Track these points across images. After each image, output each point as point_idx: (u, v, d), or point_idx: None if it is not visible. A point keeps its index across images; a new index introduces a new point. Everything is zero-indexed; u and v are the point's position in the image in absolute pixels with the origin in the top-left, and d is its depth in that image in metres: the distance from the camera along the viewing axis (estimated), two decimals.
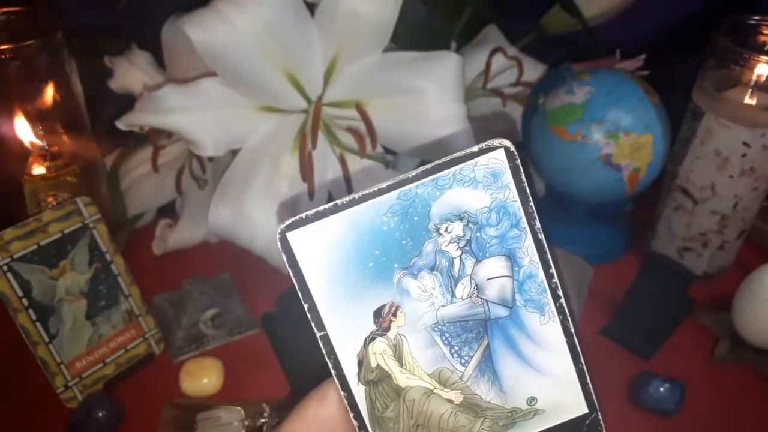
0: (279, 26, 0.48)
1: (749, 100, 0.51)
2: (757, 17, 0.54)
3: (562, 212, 0.60)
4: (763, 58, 0.50)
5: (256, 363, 0.52)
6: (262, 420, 0.46)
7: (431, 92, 0.50)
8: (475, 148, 0.23)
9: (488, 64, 0.60)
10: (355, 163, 0.54)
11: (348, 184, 0.54)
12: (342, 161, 0.53)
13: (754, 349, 0.51)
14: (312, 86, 0.53)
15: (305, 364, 0.49)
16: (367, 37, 0.50)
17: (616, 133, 0.52)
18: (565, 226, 0.59)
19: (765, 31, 0.54)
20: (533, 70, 0.64)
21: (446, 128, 0.51)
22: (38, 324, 0.46)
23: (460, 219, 0.23)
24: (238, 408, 0.46)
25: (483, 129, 0.64)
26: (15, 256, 0.45)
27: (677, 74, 0.60)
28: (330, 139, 0.54)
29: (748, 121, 0.51)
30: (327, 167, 0.55)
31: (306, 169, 0.51)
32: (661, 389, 0.46)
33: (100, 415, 0.45)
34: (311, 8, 0.50)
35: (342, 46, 0.51)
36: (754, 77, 0.51)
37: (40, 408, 0.48)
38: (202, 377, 0.49)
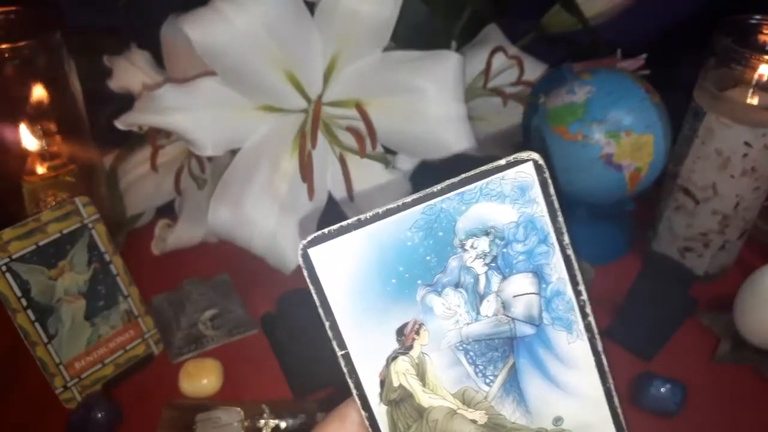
0: (278, 25, 0.48)
1: (750, 99, 0.51)
2: (757, 17, 0.54)
3: (562, 212, 0.60)
4: (765, 57, 0.50)
5: (256, 364, 0.52)
6: (262, 421, 0.45)
7: (431, 92, 0.50)
8: (503, 161, 0.22)
9: (489, 64, 0.59)
10: (355, 163, 0.54)
11: (348, 184, 0.53)
12: (342, 161, 0.53)
13: (756, 349, 0.50)
14: (312, 86, 0.53)
15: (305, 365, 0.49)
16: (367, 36, 0.50)
17: (617, 132, 0.52)
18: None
19: (766, 31, 0.54)
20: (534, 70, 0.64)
21: (446, 127, 0.51)
22: (37, 324, 0.46)
23: (487, 234, 0.23)
24: (238, 409, 0.46)
25: (484, 129, 0.64)
26: (14, 256, 0.44)
27: (678, 74, 0.59)
28: (330, 139, 0.54)
29: (749, 121, 0.51)
30: (327, 167, 0.55)
31: (306, 169, 0.51)
32: (663, 390, 0.46)
33: (99, 415, 0.45)
34: (311, 7, 0.50)
35: (342, 46, 0.51)
36: (756, 77, 0.51)
37: (38, 408, 0.48)
38: (201, 378, 0.49)
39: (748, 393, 0.50)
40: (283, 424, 0.45)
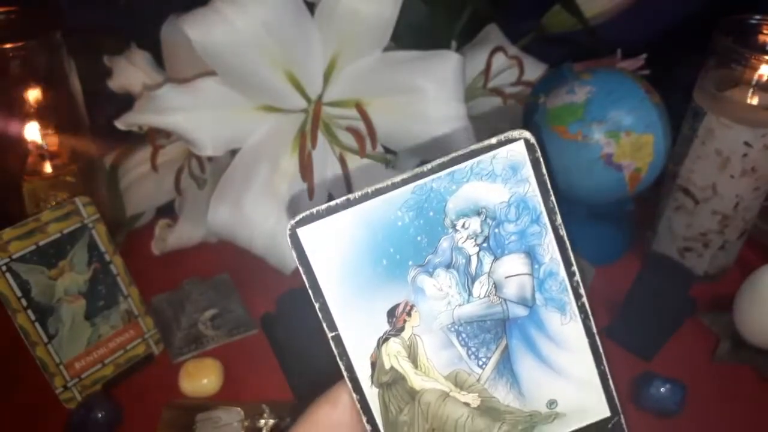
0: (278, 25, 0.48)
1: (750, 99, 0.51)
2: (757, 17, 0.54)
3: (562, 212, 0.60)
4: (765, 57, 0.50)
5: (256, 363, 0.52)
6: (262, 421, 0.45)
7: (431, 92, 0.50)
8: (494, 140, 0.22)
9: (489, 64, 0.59)
10: (355, 163, 0.54)
11: (348, 183, 0.53)
12: (342, 161, 0.53)
13: (755, 349, 0.51)
14: (312, 85, 0.52)
15: (305, 365, 0.49)
16: (367, 36, 0.50)
17: (617, 132, 0.52)
18: (566, 225, 0.59)
19: (766, 31, 0.54)
20: (534, 70, 0.64)
21: (446, 127, 0.51)
22: (37, 324, 0.46)
23: (478, 214, 0.22)
24: (238, 408, 0.46)
25: (485, 128, 0.64)
26: (14, 256, 0.44)
27: (678, 74, 0.59)
28: (330, 139, 0.54)
29: (749, 121, 0.51)
30: (327, 167, 0.55)
31: (306, 169, 0.51)
32: (662, 390, 0.46)
33: (99, 415, 0.45)
34: (311, 7, 0.50)
35: (342, 46, 0.51)
36: (756, 77, 0.51)
37: (39, 408, 0.48)
38: (201, 378, 0.49)
39: (748, 393, 0.50)
40: (283, 424, 0.45)
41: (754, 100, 0.51)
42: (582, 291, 0.23)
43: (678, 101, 0.55)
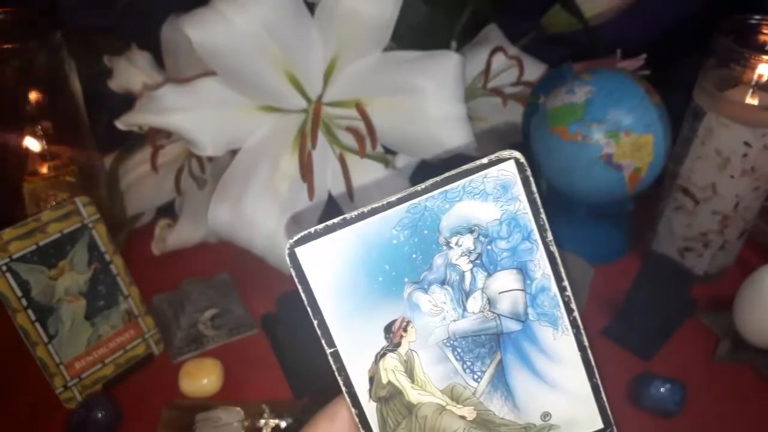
0: (279, 26, 0.48)
1: (750, 99, 0.51)
2: (757, 17, 0.54)
3: (562, 212, 0.60)
4: (764, 57, 0.50)
5: (256, 363, 0.52)
6: (262, 421, 0.45)
7: (431, 91, 0.50)
8: (485, 160, 0.23)
9: (489, 64, 0.59)
10: (355, 163, 0.54)
11: (348, 183, 0.53)
12: (342, 161, 0.53)
13: (755, 349, 0.51)
14: (312, 86, 0.53)
15: (305, 365, 0.49)
16: (367, 36, 0.50)
17: (616, 132, 0.52)
18: (566, 226, 0.59)
19: (765, 31, 0.54)
20: (534, 70, 0.64)
21: (446, 127, 0.51)
22: (37, 324, 0.46)
23: (471, 232, 0.23)
24: (238, 408, 0.46)
25: (484, 129, 0.64)
26: (14, 256, 0.44)
27: (678, 74, 0.59)
28: (330, 139, 0.54)
29: (749, 121, 0.51)
30: (327, 167, 0.55)
31: (306, 169, 0.51)
32: (662, 390, 0.46)
33: (100, 415, 0.45)
34: (311, 8, 0.50)
35: (342, 46, 0.51)
36: (755, 77, 0.51)
37: (39, 409, 0.48)
38: (201, 378, 0.49)
39: (748, 393, 0.50)
40: (283, 424, 0.45)
41: (754, 100, 0.51)
42: (573, 305, 0.24)
43: (678, 101, 0.55)
